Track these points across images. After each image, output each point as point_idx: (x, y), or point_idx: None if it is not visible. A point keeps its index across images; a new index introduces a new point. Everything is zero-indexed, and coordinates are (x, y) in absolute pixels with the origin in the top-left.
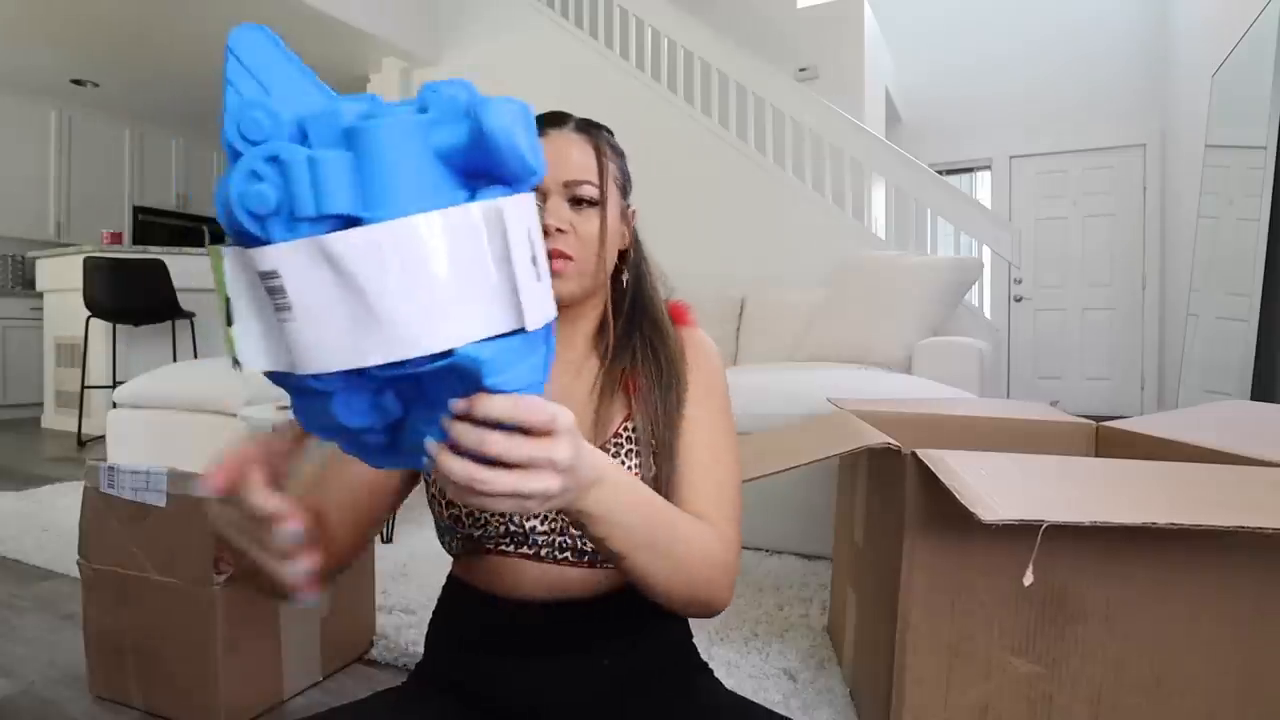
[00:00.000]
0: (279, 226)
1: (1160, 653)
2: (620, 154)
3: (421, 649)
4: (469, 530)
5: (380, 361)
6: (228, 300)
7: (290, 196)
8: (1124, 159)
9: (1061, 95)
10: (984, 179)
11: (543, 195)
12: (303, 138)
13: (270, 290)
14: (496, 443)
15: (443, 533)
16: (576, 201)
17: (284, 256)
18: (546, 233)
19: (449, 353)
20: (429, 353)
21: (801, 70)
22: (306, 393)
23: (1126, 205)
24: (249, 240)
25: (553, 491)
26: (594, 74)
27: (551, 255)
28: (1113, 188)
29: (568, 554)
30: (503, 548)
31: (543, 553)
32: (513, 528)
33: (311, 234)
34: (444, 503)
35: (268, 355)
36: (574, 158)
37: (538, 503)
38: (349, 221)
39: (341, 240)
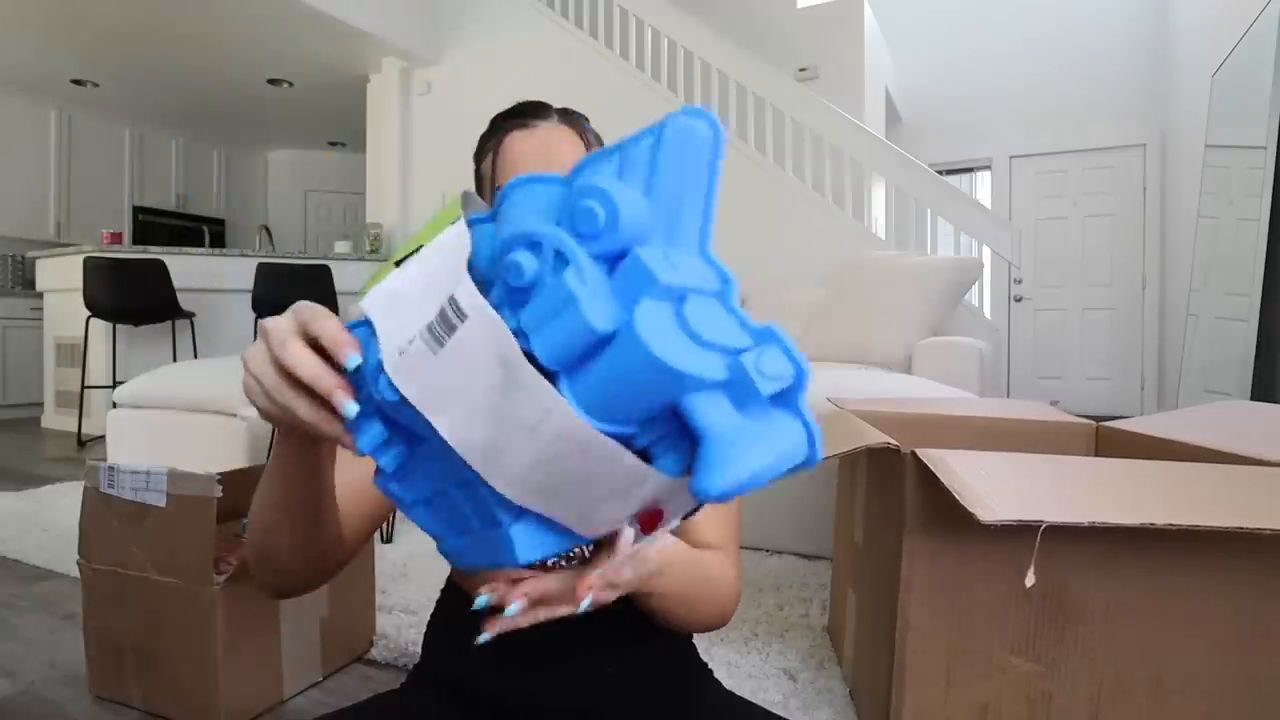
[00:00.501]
0: (498, 291)
1: (1160, 653)
2: (602, 143)
3: (420, 649)
4: None
5: (456, 449)
6: (418, 248)
7: (525, 299)
8: (1124, 159)
9: (1061, 95)
10: (984, 179)
11: None
12: (612, 265)
13: (443, 314)
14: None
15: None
16: None
17: (482, 321)
18: None
19: (507, 513)
20: (494, 488)
21: (801, 70)
22: (369, 372)
23: (1126, 205)
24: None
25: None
26: (594, 73)
27: None
28: (1113, 188)
29: (574, 560)
30: None
31: (549, 561)
32: None
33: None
34: None
35: (390, 318)
36: (565, 154)
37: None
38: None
39: (531, 379)
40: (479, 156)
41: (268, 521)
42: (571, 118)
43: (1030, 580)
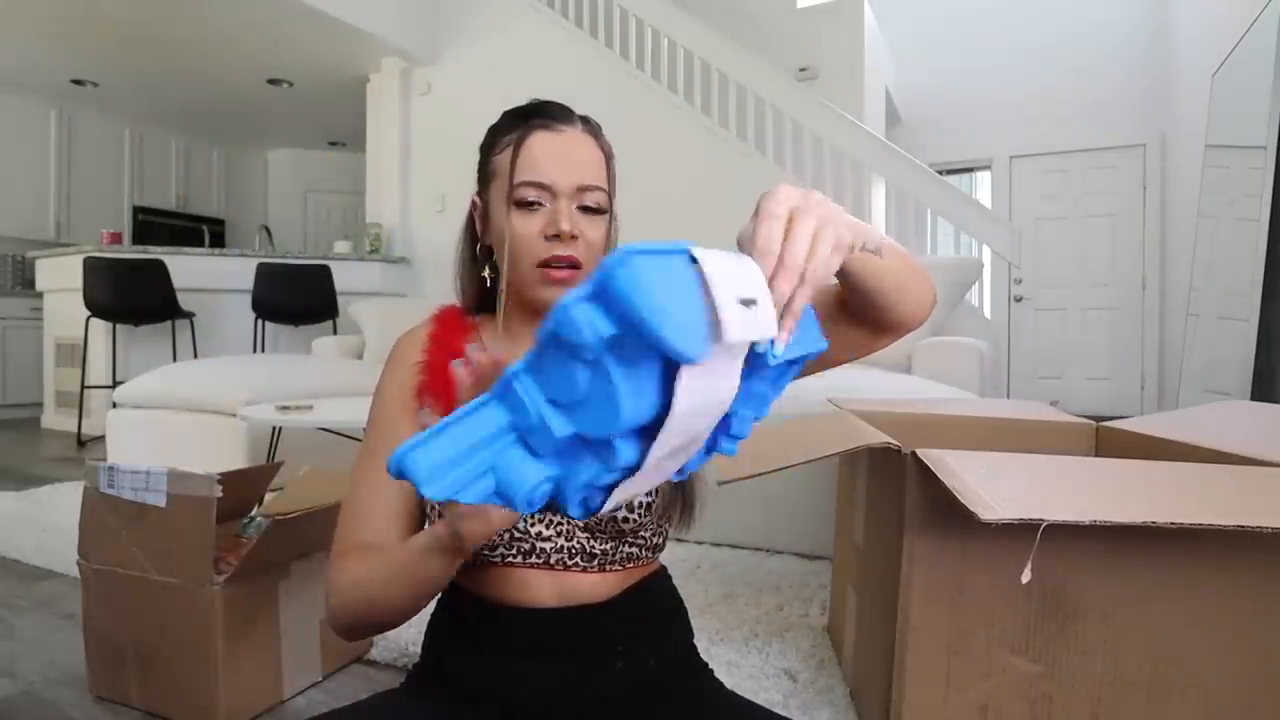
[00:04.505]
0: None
1: (1160, 651)
2: (612, 155)
3: (421, 649)
4: None
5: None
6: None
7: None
8: (1124, 159)
9: (1062, 95)
10: (984, 179)
11: (552, 195)
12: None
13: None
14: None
15: None
16: (584, 208)
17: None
18: (559, 236)
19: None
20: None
21: (801, 70)
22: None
23: (1127, 205)
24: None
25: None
26: (593, 73)
27: (561, 262)
28: (1113, 188)
29: (578, 559)
30: (509, 559)
31: (552, 560)
32: (517, 534)
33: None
34: (441, 515)
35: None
36: (586, 160)
37: (839, 243)
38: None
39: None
40: (490, 148)
41: (394, 603)
42: (590, 126)
43: (1026, 577)
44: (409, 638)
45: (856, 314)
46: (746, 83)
